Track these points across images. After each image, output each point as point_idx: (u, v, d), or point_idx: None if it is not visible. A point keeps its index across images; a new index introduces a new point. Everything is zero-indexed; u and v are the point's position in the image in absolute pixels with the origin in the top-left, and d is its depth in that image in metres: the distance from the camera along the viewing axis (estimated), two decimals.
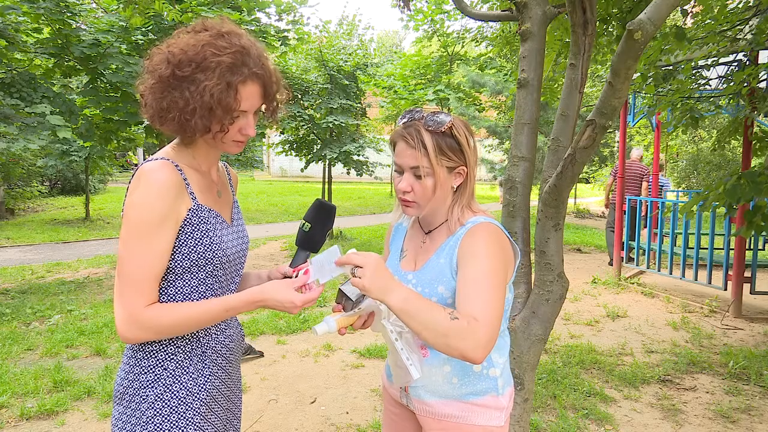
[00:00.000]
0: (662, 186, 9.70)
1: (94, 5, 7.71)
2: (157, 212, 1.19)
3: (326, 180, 10.93)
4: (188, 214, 1.26)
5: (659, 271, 7.00)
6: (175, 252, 1.26)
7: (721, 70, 6.20)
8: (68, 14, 6.10)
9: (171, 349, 1.28)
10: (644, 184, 8.37)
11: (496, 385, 1.41)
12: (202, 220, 1.28)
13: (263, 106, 1.34)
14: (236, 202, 1.49)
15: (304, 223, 1.39)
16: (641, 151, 8.74)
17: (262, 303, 1.25)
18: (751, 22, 4.51)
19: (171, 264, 1.26)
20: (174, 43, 1.25)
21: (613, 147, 17.90)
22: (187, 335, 1.30)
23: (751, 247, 6.07)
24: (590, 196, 23.06)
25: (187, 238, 1.26)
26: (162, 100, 1.22)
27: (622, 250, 7.49)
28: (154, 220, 1.19)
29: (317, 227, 1.39)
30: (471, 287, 1.24)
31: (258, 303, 1.26)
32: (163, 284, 1.28)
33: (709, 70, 5.56)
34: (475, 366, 1.39)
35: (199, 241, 1.27)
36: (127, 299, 1.19)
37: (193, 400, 1.29)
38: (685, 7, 4.04)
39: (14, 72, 6.15)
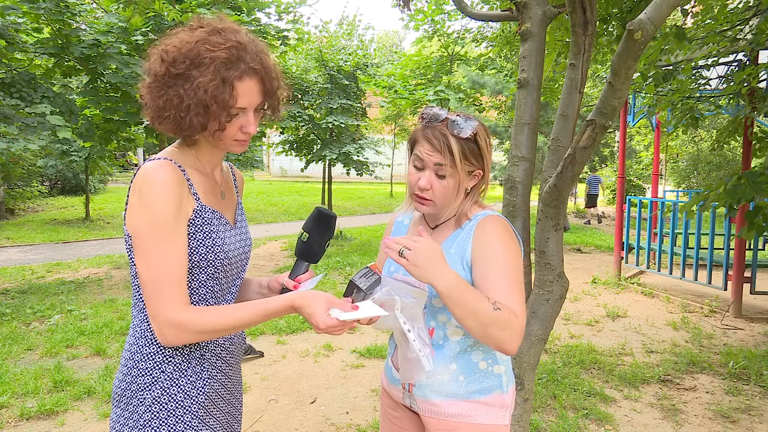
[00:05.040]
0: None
1: (94, 5, 7.71)
2: (170, 209, 1.18)
3: (326, 180, 10.93)
4: (193, 214, 1.24)
5: (659, 271, 7.00)
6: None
7: (721, 70, 6.20)
8: (68, 14, 6.09)
9: (169, 352, 1.26)
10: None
11: (501, 382, 1.43)
12: (205, 221, 1.27)
13: (265, 105, 1.31)
14: (240, 204, 1.47)
15: (302, 233, 1.36)
16: None
17: (299, 310, 1.22)
18: (751, 22, 4.51)
19: None
20: (169, 42, 1.23)
21: (613, 147, 17.89)
22: None
23: (751, 247, 6.07)
24: None
25: (189, 238, 1.24)
26: (159, 98, 1.21)
27: (622, 249, 7.49)
28: (169, 217, 1.18)
29: (316, 237, 1.36)
30: (501, 281, 1.30)
31: (296, 309, 1.22)
32: None
33: (709, 70, 5.57)
34: (480, 363, 1.41)
35: (201, 243, 1.26)
36: (162, 304, 1.17)
37: (191, 403, 1.27)
38: (685, 7, 4.04)
39: (14, 72, 6.15)
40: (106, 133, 7.27)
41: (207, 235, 1.27)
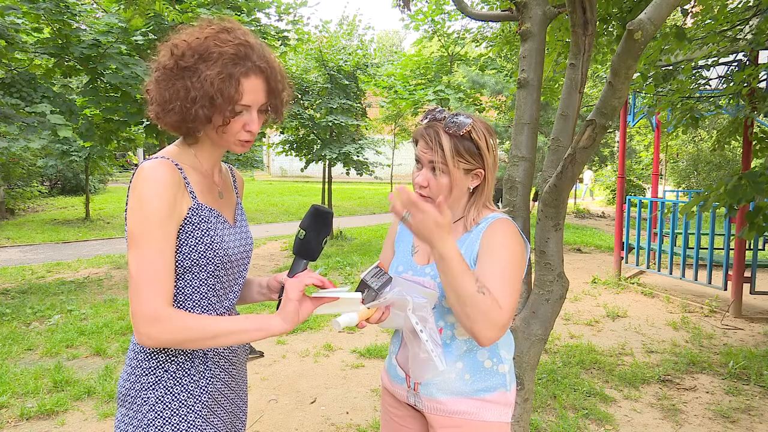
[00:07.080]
0: None
1: (94, 5, 7.71)
2: (163, 207, 1.18)
3: (326, 180, 10.93)
4: (189, 213, 1.25)
5: (659, 271, 7.00)
6: (175, 251, 1.25)
7: (721, 70, 6.20)
8: (68, 14, 6.10)
9: (173, 351, 1.26)
10: None
11: (505, 381, 1.45)
12: (202, 219, 1.27)
13: (268, 105, 1.31)
14: (240, 205, 1.47)
15: (299, 231, 1.37)
16: None
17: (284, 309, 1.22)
18: (751, 22, 4.51)
19: None
20: (178, 37, 1.26)
21: (613, 147, 17.91)
22: None
23: (751, 247, 6.07)
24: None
25: (187, 237, 1.25)
26: (166, 90, 1.23)
27: (622, 249, 7.50)
28: (161, 214, 1.18)
29: (313, 234, 1.36)
30: (496, 276, 1.30)
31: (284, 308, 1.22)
32: None
33: (709, 70, 5.57)
34: (486, 362, 1.43)
35: (199, 241, 1.26)
36: (146, 298, 1.15)
37: (195, 402, 1.28)
38: (685, 7, 4.04)
39: (14, 72, 6.15)
40: (106, 133, 7.28)
41: (205, 232, 1.27)
